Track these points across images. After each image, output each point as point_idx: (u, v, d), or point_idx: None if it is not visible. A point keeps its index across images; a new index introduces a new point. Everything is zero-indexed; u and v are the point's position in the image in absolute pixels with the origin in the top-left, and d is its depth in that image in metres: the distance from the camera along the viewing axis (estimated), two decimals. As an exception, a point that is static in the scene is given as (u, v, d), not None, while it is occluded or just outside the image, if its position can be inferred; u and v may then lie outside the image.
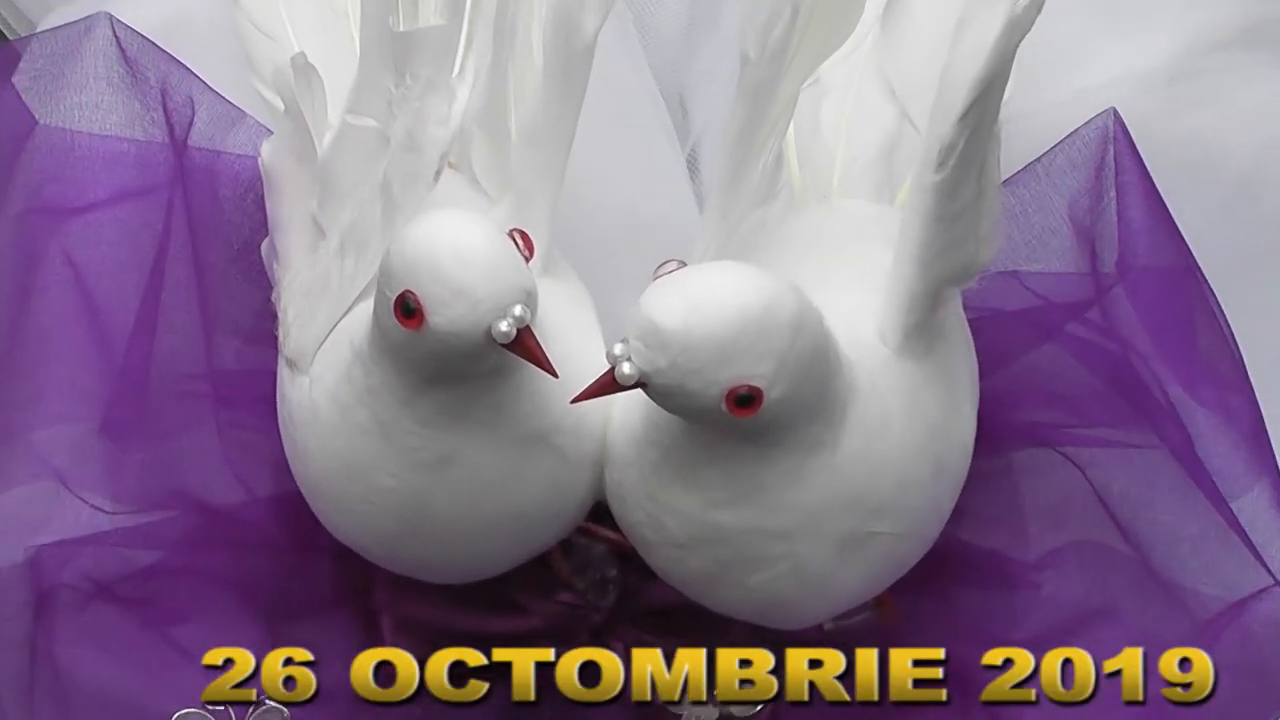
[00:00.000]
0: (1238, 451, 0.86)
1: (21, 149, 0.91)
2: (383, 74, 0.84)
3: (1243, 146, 0.93)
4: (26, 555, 0.87)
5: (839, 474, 0.81)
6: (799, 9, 0.82)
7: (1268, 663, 0.85)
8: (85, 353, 0.89)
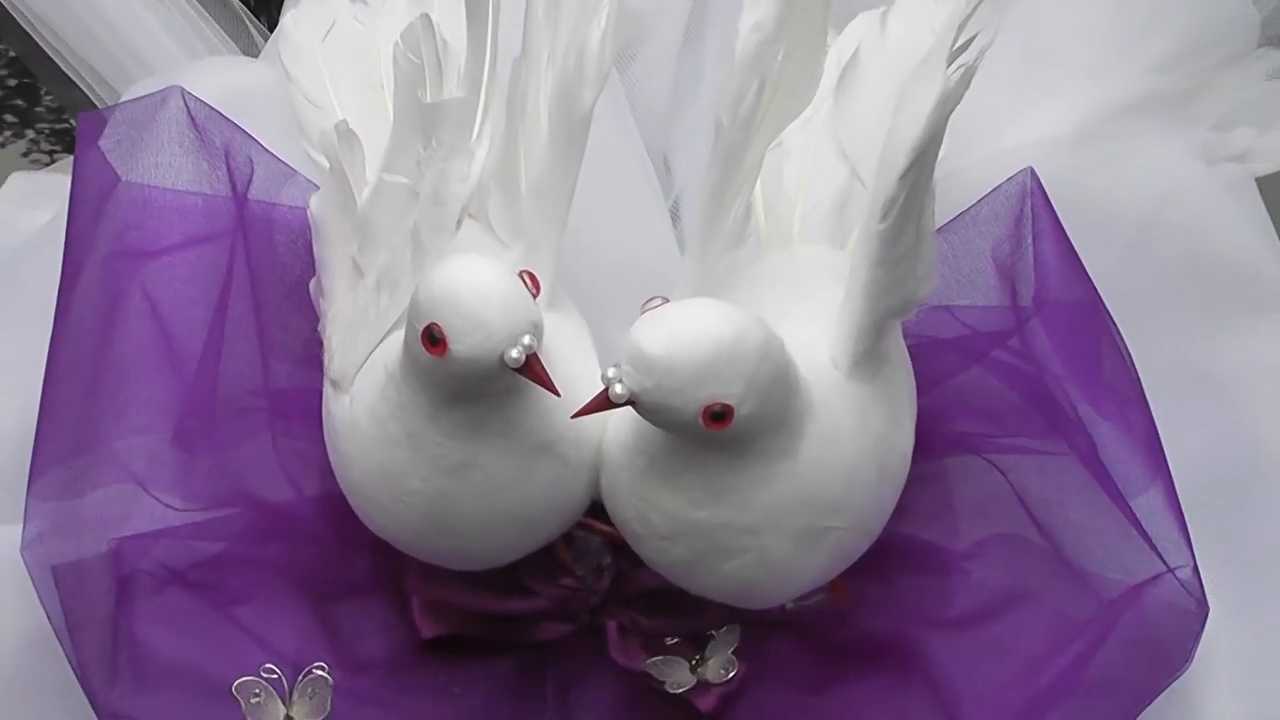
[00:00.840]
0: (1136, 458, 0.86)
1: (106, 202, 0.91)
2: (413, 138, 0.84)
3: (1138, 199, 0.93)
4: (109, 546, 0.87)
5: (799, 478, 0.81)
6: (764, 85, 0.83)
7: (1161, 637, 0.85)
8: (160, 374, 0.89)
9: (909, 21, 0.95)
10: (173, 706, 0.86)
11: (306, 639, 0.87)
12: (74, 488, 0.88)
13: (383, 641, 0.88)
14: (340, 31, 0.97)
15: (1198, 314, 0.92)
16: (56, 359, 0.88)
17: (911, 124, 0.79)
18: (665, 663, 0.87)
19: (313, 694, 0.86)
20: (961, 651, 0.86)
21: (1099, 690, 0.85)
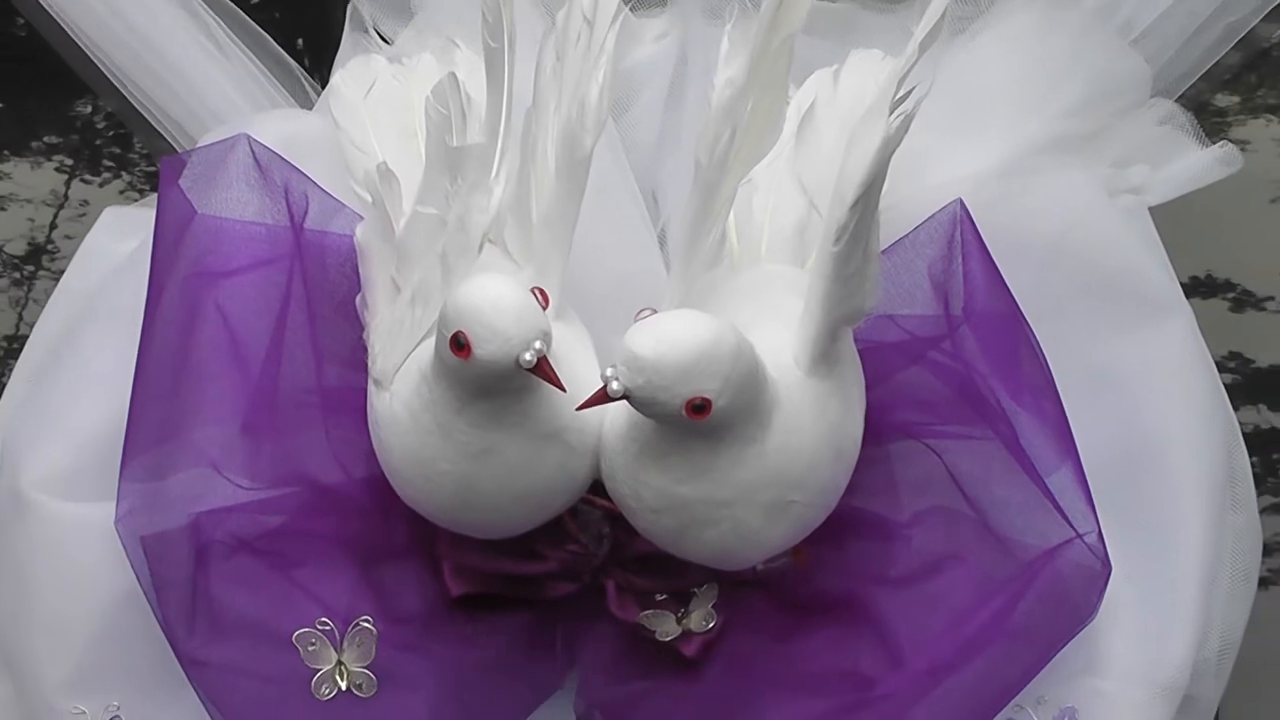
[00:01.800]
0: (1049, 442, 0.86)
1: (185, 231, 0.91)
2: (442, 177, 0.85)
3: (1050, 225, 0.93)
4: (189, 520, 0.86)
5: (766, 459, 0.81)
6: (736, 131, 0.83)
7: (1071, 592, 0.85)
8: (230, 376, 0.89)
9: (857, 77, 0.95)
10: (242, 654, 0.86)
11: (354, 596, 0.87)
12: (159, 471, 0.87)
13: (418, 598, 0.87)
14: (380, 88, 0.98)
15: (1099, 321, 0.92)
16: (144, 363, 0.88)
17: (860, 163, 0.79)
18: (655, 615, 0.87)
19: (360, 643, 0.86)
20: (903, 605, 0.86)
21: (1019, 637, 0.84)
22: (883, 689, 0.84)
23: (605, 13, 0.86)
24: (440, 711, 0.86)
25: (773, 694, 0.86)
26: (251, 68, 1.05)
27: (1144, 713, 0.86)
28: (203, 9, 1.06)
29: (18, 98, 1.13)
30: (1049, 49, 0.98)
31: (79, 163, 1.09)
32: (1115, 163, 0.97)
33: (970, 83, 0.97)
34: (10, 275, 1.06)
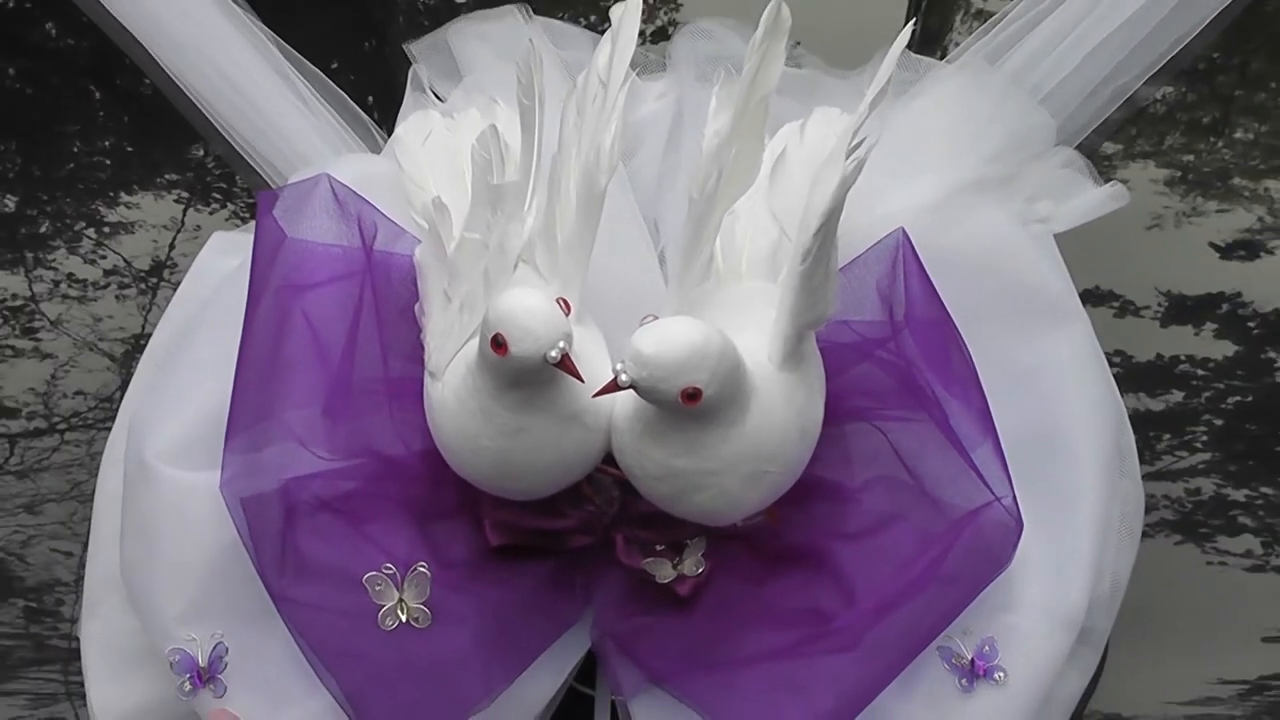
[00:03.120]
0: (973, 424, 0.85)
1: (278, 252, 0.90)
2: (485, 209, 0.84)
3: (975, 248, 0.92)
4: (279, 485, 0.85)
5: (745, 438, 0.80)
6: (722, 172, 0.83)
7: (991, 545, 0.84)
8: (313, 369, 0.88)
9: (820, 129, 0.94)
10: (321, 592, 0.85)
11: (412, 547, 0.85)
12: (255, 444, 0.86)
13: (464, 548, 0.86)
14: (435, 137, 0.97)
15: (1015, 326, 0.91)
16: (243, 358, 0.87)
17: (822, 197, 0.79)
18: (655, 562, 0.86)
19: (417, 584, 0.85)
20: (855, 555, 0.85)
21: (949, 581, 0.84)
22: (839, 623, 0.83)
23: (616, 77, 0.86)
24: (482, 639, 0.85)
25: (750, 627, 0.85)
26: (332, 120, 1.04)
27: (1049, 641, 0.85)
28: (293, 74, 1.05)
29: (145, 144, 1.12)
30: (973, 107, 0.98)
31: (193, 196, 1.08)
32: (1027, 199, 0.96)
33: (910, 134, 0.96)
34: (137, 286, 1.04)
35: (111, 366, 1.01)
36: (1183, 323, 1.01)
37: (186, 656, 0.85)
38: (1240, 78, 1.10)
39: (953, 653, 0.84)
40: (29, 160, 1.11)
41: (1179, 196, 1.06)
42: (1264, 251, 1.04)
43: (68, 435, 0.99)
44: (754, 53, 0.85)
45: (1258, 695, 0.90)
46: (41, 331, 1.03)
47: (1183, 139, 1.08)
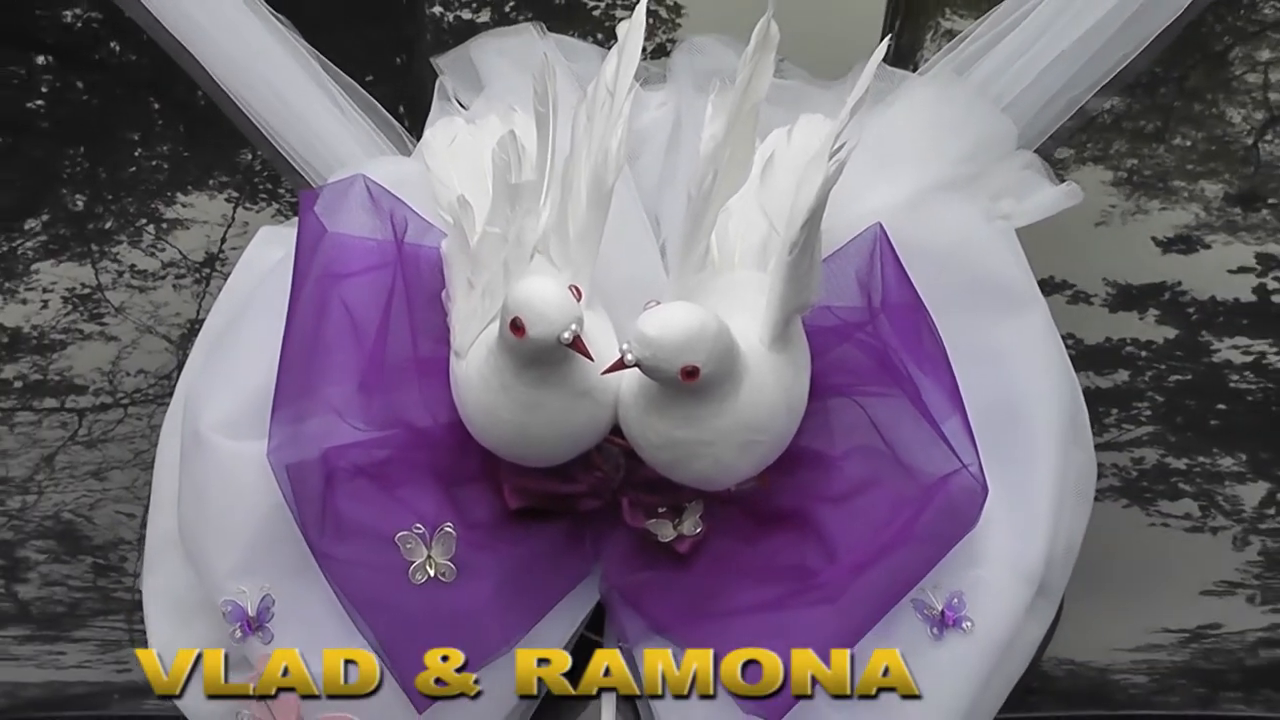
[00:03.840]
0: (943, 399, 0.84)
1: (318, 244, 0.89)
2: (504, 205, 0.83)
3: (945, 241, 0.91)
4: (320, 453, 0.84)
5: (739, 411, 0.80)
6: (717, 172, 0.82)
7: (959, 507, 0.83)
8: (350, 349, 0.87)
9: (805, 134, 0.93)
10: (358, 550, 0.84)
11: (440, 509, 0.84)
12: (299, 417, 0.85)
13: (486, 510, 0.85)
14: (459, 141, 0.96)
15: (980, 311, 0.89)
16: (288, 340, 0.86)
17: (807, 196, 0.78)
18: (657, 523, 0.85)
19: (443, 542, 0.84)
20: (837, 517, 0.84)
21: (921, 540, 0.82)
22: (822, 578, 0.82)
23: (622, 87, 0.85)
24: (502, 592, 0.84)
25: (742, 581, 0.84)
26: (366, 126, 1.03)
27: (1010, 594, 0.84)
28: (332, 85, 1.04)
29: (199, 149, 1.11)
30: (943, 115, 0.97)
31: (242, 195, 1.07)
32: (991, 197, 0.95)
33: (886, 139, 0.95)
34: (192, 276, 1.03)
35: (169, 348, 1.00)
36: (1128, 309, 1.00)
37: (237, 607, 0.84)
38: (1179, 91, 1.10)
39: (925, 604, 0.83)
40: (95, 164, 1.11)
41: (1125, 196, 1.05)
42: (1200, 246, 1.03)
43: (130, 410, 0.98)
44: (745, 66, 0.85)
45: (1195, 643, 0.89)
46: (107, 317, 1.02)
47: (1128, 145, 1.07)
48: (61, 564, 0.93)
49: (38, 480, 0.95)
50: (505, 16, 1.11)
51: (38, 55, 1.16)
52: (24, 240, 1.06)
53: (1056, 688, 0.87)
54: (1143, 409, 0.96)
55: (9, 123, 1.12)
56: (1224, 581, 0.90)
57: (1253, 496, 0.93)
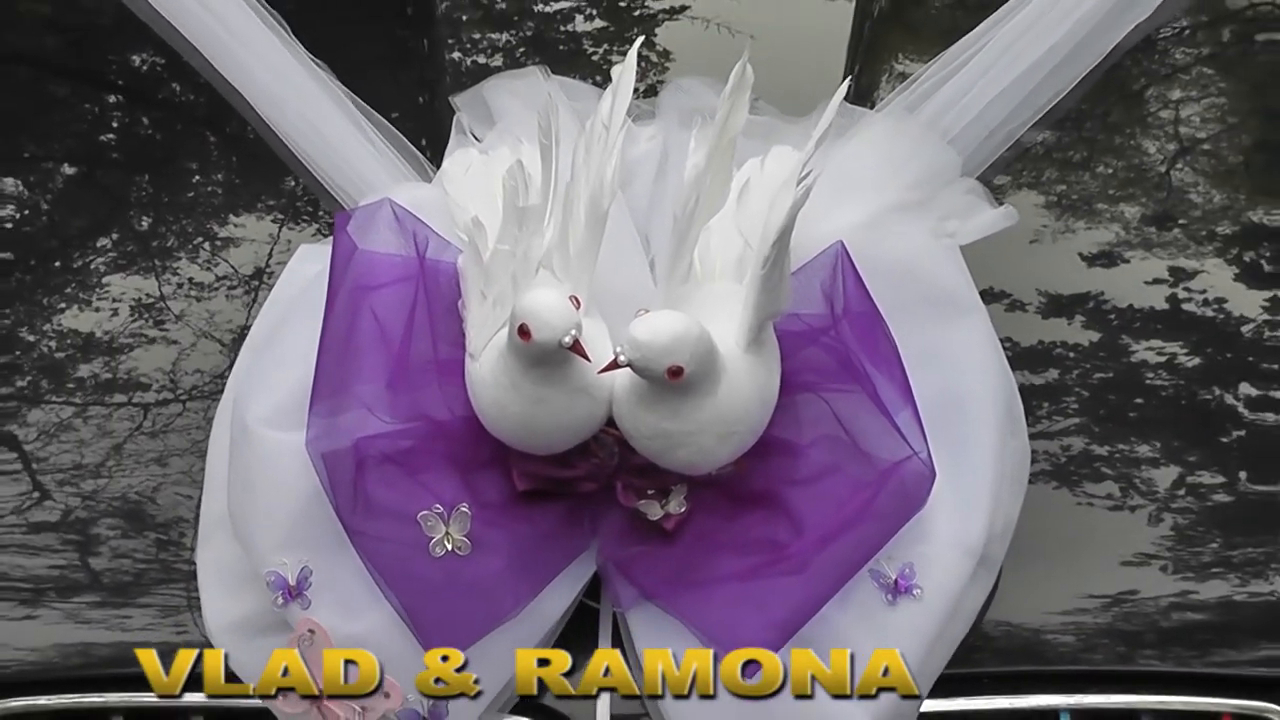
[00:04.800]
0: (896, 395, 0.83)
1: (350, 260, 0.87)
2: (512, 226, 0.82)
3: (898, 257, 0.89)
4: (352, 443, 0.83)
5: (718, 405, 0.79)
6: (700, 196, 0.81)
7: (910, 490, 0.82)
8: (379, 352, 0.85)
9: (776, 164, 0.91)
10: (385, 527, 0.82)
11: (456, 491, 0.83)
12: (333, 411, 0.84)
13: (497, 492, 0.84)
14: (474, 169, 0.95)
15: (928, 318, 0.88)
16: (324, 343, 0.85)
17: (778, 217, 0.77)
18: (647, 504, 0.84)
19: (459, 520, 0.83)
20: (805, 497, 0.82)
21: (878, 517, 0.82)
22: (791, 551, 0.81)
23: (616, 122, 0.85)
24: (511, 563, 0.83)
25: (721, 554, 0.83)
26: (393, 157, 1.01)
27: (955, 564, 0.83)
28: (363, 121, 1.02)
29: (248, 177, 1.10)
30: (896, 146, 0.95)
31: (285, 217, 1.06)
32: (938, 218, 0.93)
33: (847, 168, 0.94)
34: (241, 287, 1.02)
35: (221, 350, 0.98)
36: (1058, 316, 0.98)
37: (279, 578, 0.83)
38: (1102, 125, 1.08)
39: (880, 574, 0.82)
40: (158, 190, 1.09)
41: (1054, 217, 1.04)
42: (1120, 261, 1.01)
43: (187, 405, 0.96)
44: (724, 104, 0.84)
45: (1116, 607, 0.88)
46: (167, 323, 1.01)
47: (1057, 173, 1.06)
48: (127, 539, 0.91)
49: (107, 466, 0.94)
50: (515, 61, 1.09)
51: (109, 95, 1.15)
52: (96, 256, 1.05)
53: (995, 646, 0.86)
54: (1070, 403, 0.95)
55: (84, 154, 1.11)
56: (1140, 553, 0.89)
57: (1165, 479, 0.92)
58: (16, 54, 1.14)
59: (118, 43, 1.12)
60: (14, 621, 0.89)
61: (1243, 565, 0.89)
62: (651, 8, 1.13)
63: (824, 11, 1.12)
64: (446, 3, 1.13)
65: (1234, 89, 1.10)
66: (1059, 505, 0.90)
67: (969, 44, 1.01)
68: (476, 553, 0.82)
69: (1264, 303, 0.98)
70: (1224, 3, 1.12)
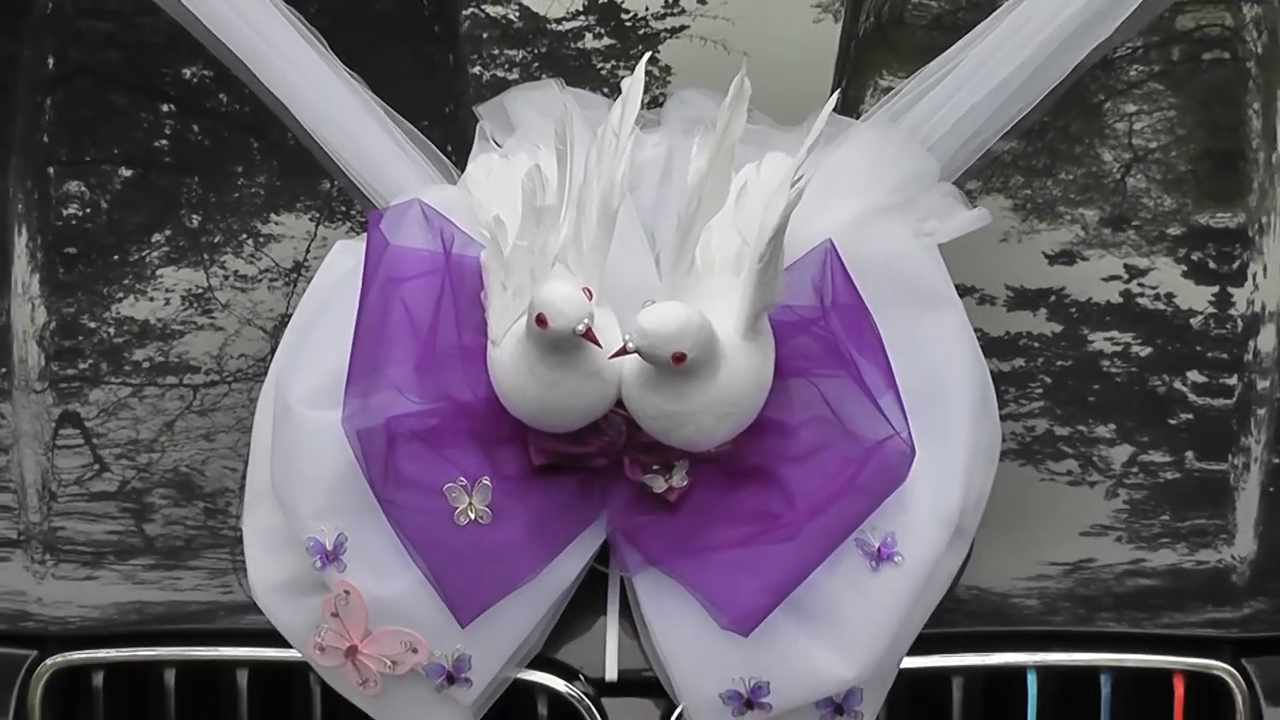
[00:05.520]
0: (880, 380, 0.82)
1: (383, 255, 0.86)
2: (531, 224, 0.81)
3: (882, 254, 0.88)
4: (384, 421, 0.82)
5: (717, 389, 0.78)
6: (702, 198, 0.80)
7: (891, 466, 0.81)
8: (408, 339, 0.84)
9: (771, 168, 0.90)
10: (413, 497, 0.81)
11: (479, 465, 0.82)
12: (367, 392, 0.83)
13: (516, 467, 0.82)
14: (496, 173, 0.93)
15: (910, 309, 0.87)
16: (358, 331, 0.84)
17: (773, 217, 0.77)
18: (652, 478, 0.82)
19: (482, 492, 0.81)
20: (796, 473, 0.81)
21: (862, 491, 0.80)
22: (783, 521, 0.80)
23: (625, 130, 0.83)
24: (529, 531, 0.82)
25: (719, 523, 0.82)
26: (422, 161, 0.99)
27: (932, 534, 0.82)
28: (395, 129, 1.00)
29: (289, 179, 1.07)
30: (880, 153, 0.94)
31: (323, 215, 1.05)
32: (918, 219, 0.92)
33: (836, 173, 0.92)
34: (283, 279, 1.00)
35: (264, 337, 0.97)
36: (1025, 309, 0.97)
37: (318, 543, 0.82)
38: (1064, 136, 1.06)
39: (865, 543, 0.81)
40: (207, 190, 1.08)
41: (1021, 219, 1.02)
42: (1079, 259, 1.00)
43: (233, 385, 0.95)
44: (723, 114, 0.83)
45: (1075, 573, 0.87)
46: (216, 311, 0.99)
47: (1024, 178, 1.04)
48: (179, 508, 0.90)
49: (161, 441, 0.92)
50: (532, 74, 1.07)
51: (163, 105, 1.13)
52: (151, 251, 1.03)
53: (967, 608, 0.85)
54: (1035, 388, 0.94)
55: (140, 158, 1.10)
56: (1098, 525, 0.88)
57: (1120, 457, 0.90)
58: (81, 68, 1.12)
59: (171, 58, 1.11)
60: (76, 582, 0.88)
61: (1190, 535, 0.88)
62: (655, 27, 1.11)
63: (813, 31, 1.10)
64: (469, 22, 1.11)
65: (1183, 104, 1.09)
66: (1025, 481, 0.89)
67: (945, 61, 1.00)
68: (497, 521, 0.81)
69: (1210, 298, 0.97)
70: (1174, 25, 1.10)
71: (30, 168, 1.03)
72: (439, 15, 1.10)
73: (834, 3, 1.10)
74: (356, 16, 1.12)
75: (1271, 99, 1.03)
